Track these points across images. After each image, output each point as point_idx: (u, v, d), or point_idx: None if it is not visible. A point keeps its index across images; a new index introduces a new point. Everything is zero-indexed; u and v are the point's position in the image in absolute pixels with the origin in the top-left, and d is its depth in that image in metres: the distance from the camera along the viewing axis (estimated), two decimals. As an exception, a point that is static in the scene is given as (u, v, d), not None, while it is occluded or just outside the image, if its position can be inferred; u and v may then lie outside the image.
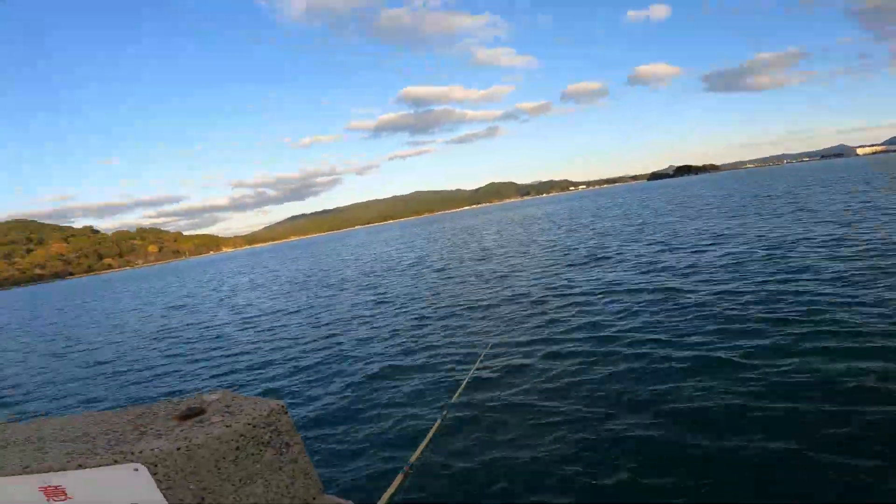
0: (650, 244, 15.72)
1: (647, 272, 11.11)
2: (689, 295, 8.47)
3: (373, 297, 13.78)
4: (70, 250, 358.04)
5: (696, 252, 12.87)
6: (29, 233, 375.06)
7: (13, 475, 1.16)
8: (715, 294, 8.29)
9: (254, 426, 1.30)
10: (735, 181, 73.92)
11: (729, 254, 11.80)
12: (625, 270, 11.77)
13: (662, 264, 11.81)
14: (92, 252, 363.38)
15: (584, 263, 13.84)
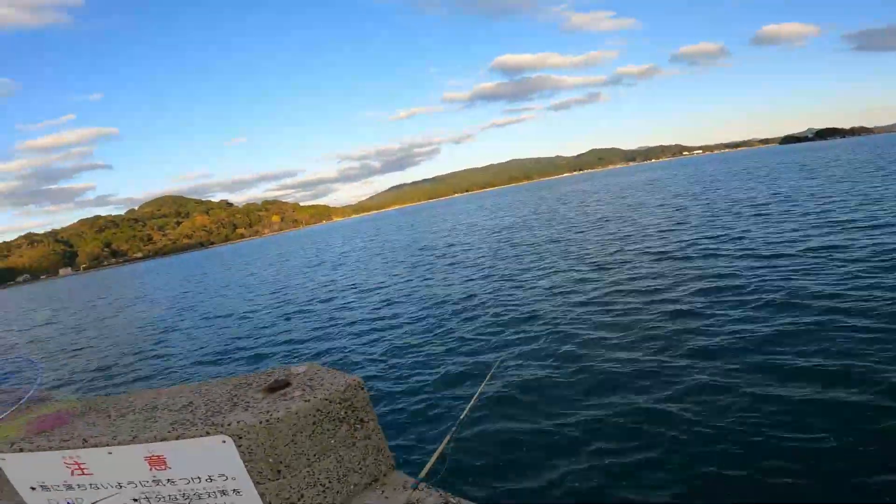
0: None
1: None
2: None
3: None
4: (210, 221, 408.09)
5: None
6: (177, 207, 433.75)
7: (123, 445, 1.26)
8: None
9: (330, 401, 1.32)
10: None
11: None
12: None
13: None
14: (228, 223, 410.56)
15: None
